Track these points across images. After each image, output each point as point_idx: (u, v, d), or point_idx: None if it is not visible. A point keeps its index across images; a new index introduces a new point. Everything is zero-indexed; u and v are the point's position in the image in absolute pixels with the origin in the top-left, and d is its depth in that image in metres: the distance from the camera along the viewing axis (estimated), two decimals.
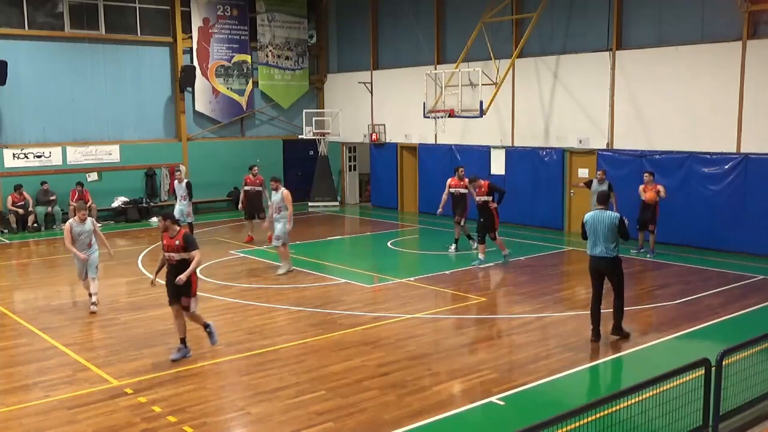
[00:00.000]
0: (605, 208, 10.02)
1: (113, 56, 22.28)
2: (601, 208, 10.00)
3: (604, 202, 10.08)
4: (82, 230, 11.94)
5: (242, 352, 9.85)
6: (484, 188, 15.21)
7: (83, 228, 11.95)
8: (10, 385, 8.82)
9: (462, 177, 16.72)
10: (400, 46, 23.96)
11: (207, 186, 24.00)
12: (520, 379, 8.75)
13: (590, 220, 9.98)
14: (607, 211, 9.94)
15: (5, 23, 20.50)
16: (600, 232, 9.84)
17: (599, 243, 9.89)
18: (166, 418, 7.70)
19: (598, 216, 9.89)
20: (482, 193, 15.20)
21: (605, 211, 9.93)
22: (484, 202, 15.17)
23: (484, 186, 15.23)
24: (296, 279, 14.31)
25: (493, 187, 15.31)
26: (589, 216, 10.06)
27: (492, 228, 15.24)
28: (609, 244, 9.84)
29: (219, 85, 24.25)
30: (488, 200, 15.14)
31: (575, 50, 19.05)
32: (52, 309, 12.30)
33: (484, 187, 15.22)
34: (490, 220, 15.17)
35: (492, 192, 15.21)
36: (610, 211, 9.93)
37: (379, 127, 24.59)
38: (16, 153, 20.80)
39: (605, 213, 9.90)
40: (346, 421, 7.58)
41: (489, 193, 15.19)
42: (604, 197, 10.18)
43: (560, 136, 19.53)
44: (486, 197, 15.17)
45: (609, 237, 9.80)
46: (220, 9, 24.01)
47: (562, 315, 11.59)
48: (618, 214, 9.90)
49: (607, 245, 9.84)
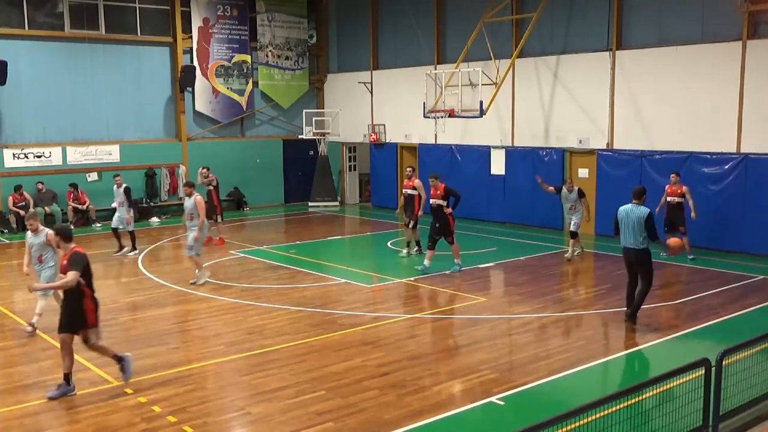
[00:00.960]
0: (639, 203, 10.56)
1: (113, 56, 22.29)
2: (636, 203, 10.57)
3: (639, 197, 10.59)
4: (32, 242, 10.69)
5: (242, 352, 9.85)
6: (440, 191, 14.36)
7: (34, 240, 10.66)
8: (11, 385, 8.82)
9: (410, 177, 16.34)
10: (400, 46, 23.96)
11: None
12: (520, 379, 8.75)
13: (623, 213, 10.63)
14: (639, 206, 10.51)
15: (5, 23, 20.50)
16: (630, 225, 10.47)
17: (629, 235, 10.52)
18: (166, 418, 7.70)
19: (631, 210, 10.52)
20: (437, 195, 14.37)
21: (638, 206, 10.52)
22: (438, 206, 14.36)
23: (440, 188, 14.37)
24: (296, 279, 14.31)
25: (449, 190, 14.38)
26: (623, 210, 10.67)
27: (448, 233, 14.46)
28: (638, 237, 10.42)
29: (219, 85, 24.24)
30: (442, 204, 14.33)
31: (575, 50, 19.06)
32: (52, 309, 12.26)
33: (440, 189, 14.36)
34: (445, 224, 14.43)
35: (448, 196, 14.35)
36: (642, 207, 10.48)
37: (379, 127, 24.59)
38: (16, 153, 20.80)
39: (638, 208, 10.50)
40: (346, 421, 7.58)
41: (445, 197, 14.32)
42: (639, 192, 10.66)
43: (560, 136, 19.53)
44: (441, 201, 14.33)
45: (638, 230, 10.40)
46: (220, 9, 24.01)
47: (562, 315, 11.59)
48: (648, 209, 10.46)
49: (636, 238, 10.44)
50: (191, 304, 12.58)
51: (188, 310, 12.26)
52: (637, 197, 10.60)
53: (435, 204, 14.44)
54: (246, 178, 24.90)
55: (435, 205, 14.44)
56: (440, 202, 14.35)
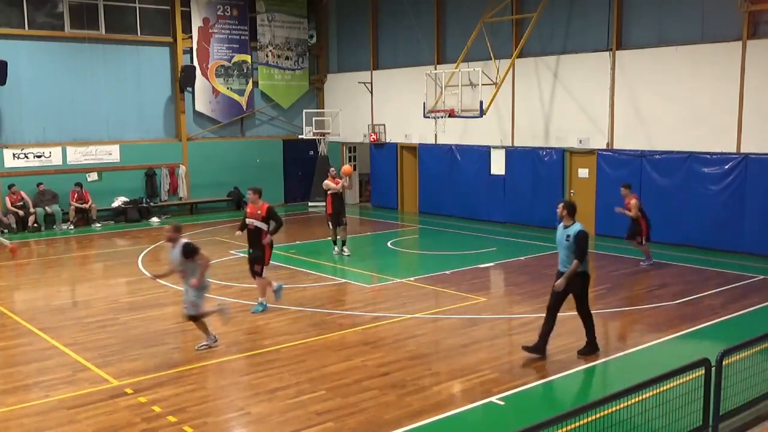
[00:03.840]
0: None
1: (113, 56, 22.28)
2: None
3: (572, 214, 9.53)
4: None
5: (242, 352, 9.85)
6: (262, 212, 11.73)
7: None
8: (10, 385, 8.82)
9: (334, 176, 16.52)
10: (400, 46, 23.96)
11: (207, 186, 24.01)
12: (520, 379, 8.75)
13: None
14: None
15: (5, 23, 20.49)
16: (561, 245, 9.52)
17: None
18: (167, 418, 7.70)
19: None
20: (257, 216, 11.75)
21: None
22: (256, 228, 11.71)
23: (263, 209, 11.73)
24: (296, 279, 14.31)
25: (271, 212, 11.76)
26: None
27: (261, 260, 11.81)
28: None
29: (219, 85, 24.24)
30: (262, 228, 11.70)
31: (575, 50, 19.06)
32: (52, 309, 12.30)
33: (262, 210, 11.74)
34: (262, 252, 11.77)
35: (268, 219, 11.78)
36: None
37: (379, 127, 24.59)
38: (16, 153, 20.80)
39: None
40: (346, 421, 7.58)
41: (265, 219, 11.74)
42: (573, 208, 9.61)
43: (560, 136, 19.53)
44: (260, 223, 11.72)
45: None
46: (220, 9, 24.01)
47: (562, 315, 11.53)
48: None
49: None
50: None
51: None
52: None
53: (252, 225, 11.75)
54: (246, 178, 24.80)
55: (252, 226, 11.75)
56: (258, 224, 11.70)
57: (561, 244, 9.39)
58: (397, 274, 14.61)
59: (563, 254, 9.37)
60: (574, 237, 9.18)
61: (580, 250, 9.16)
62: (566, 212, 9.38)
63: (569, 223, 9.35)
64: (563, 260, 9.38)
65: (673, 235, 17.26)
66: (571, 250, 9.22)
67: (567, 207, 9.42)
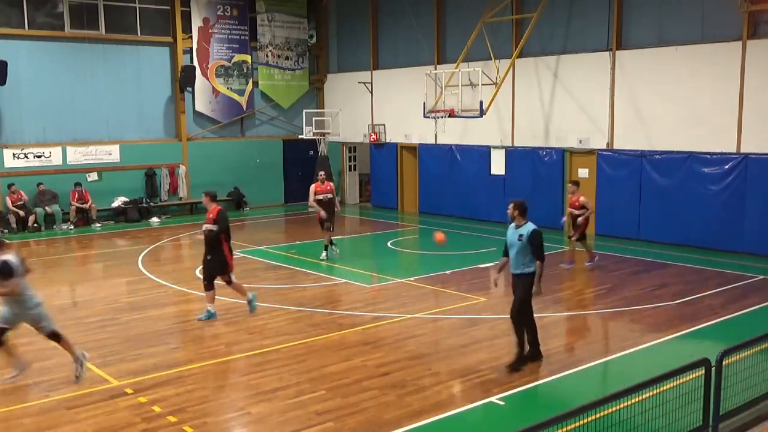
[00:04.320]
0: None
1: (113, 56, 22.28)
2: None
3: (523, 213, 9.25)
4: None
5: (242, 352, 9.85)
6: (213, 215, 11.10)
7: None
8: (10, 385, 8.80)
9: (324, 181, 16.03)
10: (400, 46, 23.96)
11: (207, 186, 23.85)
12: (520, 379, 8.74)
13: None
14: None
15: (5, 23, 20.49)
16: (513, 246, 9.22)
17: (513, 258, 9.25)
18: (167, 418, 7.70)
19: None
20: (209, 220, 11.15)
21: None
22: (211, 232, 11.09)
23: (214, 213, 11.12)
24: (296, 279, 14.31)
25: (219, 216, 11.05)
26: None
27: (224, 269, 11.26)
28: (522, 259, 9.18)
29: (219, 85, 24.24)
30: (214, 229, 11.08)
31: (575, 50, 19.06)
32: (52, 309, 12.21)
33: (213, 213, 11.11)
34: (219, 258, 11.17)
35: (220, 223, 11.06)
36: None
37: (379, 127, 24.59)
38: (16, 153, 20.80)
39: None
40: (346, 421, 7.58)
41: (216, 222, 11.05)
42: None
43: (560, 136, 19.53)
44: (213, 226, 11.07)
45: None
46: (220, 9, 24.01)
47: (562, 315, 11.59)
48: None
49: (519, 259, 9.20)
50: (191, 304, 12.58)
51: (188, 310, 12.25)
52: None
53: (207, 230, 11.18)
54: (246, 178, 24.91)
55: (207, 231, 11.17)
56: (212, 227, 11.08)
57: (513, 245, 9.06)
58: (397, 274, 14.61)
59: (515, 256, 9.04)
60: (528, 236, 8.89)
61: (537, 249, 8.90)
62: (518, 212, 9.08)
63: (521, 223, 9.08)
64: (515, 262, 9.06)
65: (673, 235, 17.26)
66: (523, 251, 8.93)
67: (518, 207, 9.12)
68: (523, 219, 9.11)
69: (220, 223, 11.05)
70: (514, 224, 9.17)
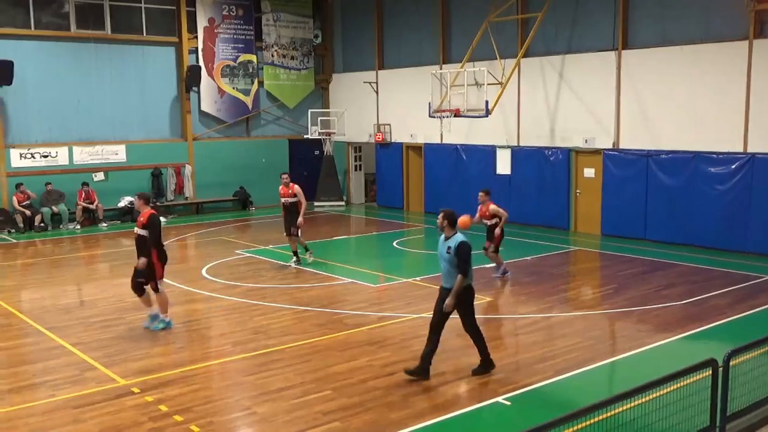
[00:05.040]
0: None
1: (119, 56, 22.33)
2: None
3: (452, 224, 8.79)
4: None
5: (248, 352, 9.85)
6: (144, 219, 10.70)
7: None
8: (16, 384, 8.84)
9: (288, 184, 15.31)
10: (405, 45, 23.94)
11: (213, 186, 24.04)
12: (526, 379, 8.73)
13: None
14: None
15: (11, 23, 20.56)
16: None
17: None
18: (173, 417, 7.71)
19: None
20: (139, 224, 10.77)
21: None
22: (140, 237, 10.69)
23: (144, 216, 10.71)
24: (302, 278, 14.32)
25: (152, 221, 10.64)
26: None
27: (151, 276, 10.75)
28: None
29: (224, 84, 24.27)
30: (144, 234, 10.68)
31: (580, 50, 19.01)
32: (59, 308, 12.32)
33: (144, 217, 10.71)
34: (149, 265, 10.69)
35: (150, 228, 10.65)
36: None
37: (384, 127, 24.59)
38: (22, 153, 20.86)
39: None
40: (352, 421, 7.57)
41: (146, 226, 10.64)
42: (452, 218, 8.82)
43: (566, 135, 19.49)
44: (143, 231, 10.68)
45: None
46: (226, 9, 24.04)
47: (569, 315, 11.57)
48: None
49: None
50: (197, 304, 12.60)
51: (194, 310, 12.27)
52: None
53: (137, 234, 10.85)
54: (252, 177, 24.93)
55: (137, 235, 10.85)
56: (142, 232, 10.74)
57: (442, 257, 8.61)
58: (403, 274, 14.61)
59: (445, 268, 8.59)
60: (455, 249, 8.43)
61: (462, 262, 8.41)
62: (447, 222, 8.61)
63: (450, 234, 8.61)
64: (445, 275, 8.62)
65: (680, 235, 17.21)
66: (452, 264, 8.48)
67: (447, 217, 8.63)
68: (452, 230, 8.63)
69: (150, 229, 10.60)
70: (443, 236, 8.72)
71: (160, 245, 10.82)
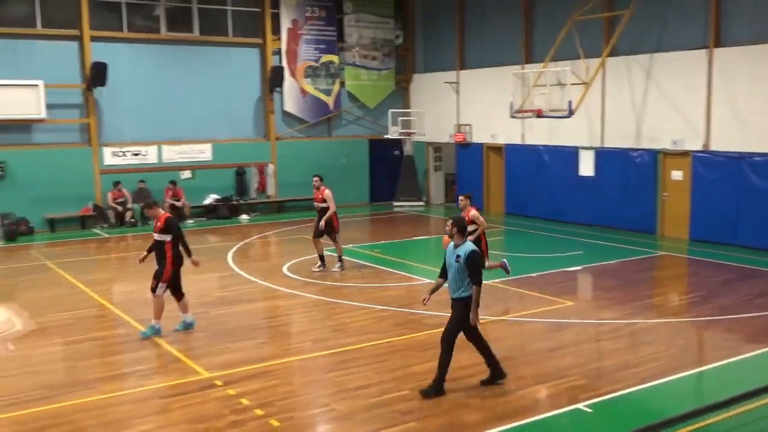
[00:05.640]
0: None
1: (206, 58, 22.98)
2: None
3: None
4: None
5: (327, 350, 9.98)
6: (160, 223, 10.69)
7: None
8: (108, 373, 9.23)
9: (318, 188, 14.85)
10: (487, 45, 23.75)
11: (294, 185, 24.41)
12: (608, 386, 8.52)
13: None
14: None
15: (106, 27, 21.43)
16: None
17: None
18: (254, 411, 7.88)
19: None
20: (156, 228, 10.84)
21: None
22: (157, 242, 10.76)
23: (161, 220, 10.68)
24: (381, 278, 14.40)
25: (169, 223, 10.67)
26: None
27: (160, 276, 10.73)
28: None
29: (307, 85, 24.64)
30: (163, 241, 10.69)
31: (670, 48, 18.41)
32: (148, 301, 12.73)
33: (160, 221, 10.69)
34: (163, 267, 10.76)
35: (167, 231, 10.68)
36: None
37: (464, 127, 24.47)
38: (115, 151, 21.72)
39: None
40: (429, 422, 7.57)
41: (163, 231, 10.64)
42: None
43: (652, 137, 18.93)
44: (159, 235, 10.70)
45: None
46: (309, 10, 24.39)
47: (654, 322, 11.23)
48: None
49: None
50: (278, 300, 12.85)
51: (275, 306, 12.52)
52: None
53: (154, 239, 10.94)
54: (332, 177, 25.02)
55: (154, 240, 10.92)
56: (158, 236, 10.83)
57: (451, 266, 8.31)
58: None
59: (453, 277, 8.29)
60: (465, 258, 8.12)
61: (475, 273, 8.11)
62: (456, 230, 8.30)
63: (459, 242, 8.31)
64: (452, 285, 8.33)
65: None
66: (461, 273, 8.18)
67: (457, 224, 8.34)
68: (461, 238, 8.34)
69: (171, 232, 10.62)
70: (452, 243, 8.42)
71: (177, 248, 10.65)
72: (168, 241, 10.60)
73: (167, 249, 10.60)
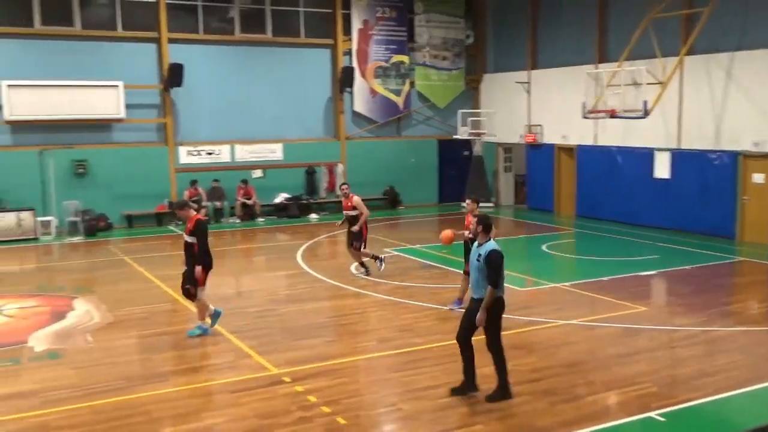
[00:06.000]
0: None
1: (278, 58, 23.33)
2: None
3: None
4: None
5: (394, 349, 9.98)
6: (191, 225, 10.50)
7: None
8: (181, 367, 9.47)
9: (347, 195, 14.41)
10: (559, 44, 23.37)
11: (364, 184, 24.50)
12: (682, 395, 8.26)
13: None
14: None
15: (182, 29, 22.01)
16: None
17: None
18: (321, 408, 7.95)
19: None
20: (187, 230, 10.57)
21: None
22: (187, 244, 10.57)
23: (192, 222, 10.49)
24: (449, 279, 14.33)
25: (197, 228, 10.40)
26: None
27: (193, 281, 10.59)
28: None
29: (377, 85, 24.74)
30: (193, 243, 10.49)
31: (752, 46, 17.72)
32: (218, 297, 13.01)
33: (191, 224, 10.49)
34: (192, 270, 10.59)
35: (196, 234, 10.46)
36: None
37: (535, 128, 24.14)
38: (190, 150, 22.28)
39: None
40: (496, 426, 7.49)
41: (193, 233, 10.43)
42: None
43: (733, 138, 18.26)
44: (189, 237, 10.51)
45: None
46: (380, 11, 24.48)
47: (731, 330, 10.83)
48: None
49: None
50: (346, 299, 12.93)
51: (343, 305, 12.60)
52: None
53: (184, 241, 10.72)
54: (401, 177, 25.25)
55: (185, 242, 10.70)
56: (189, 239, 10.62)
57: (473, 266, 8.15)
58: (551, 279, 14.26)
59: (475, 277, 8.10)
60: (485, 258, 7.91)
61: (493, 273, 7.85)
62: (481, 228, 8.10)
63: (483, 241, 8.10)
64: (474, 284, 8.12)
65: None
66: (481, 272, 7.97)
67: (482, 222, 8.13)
68: (486, 237, 8.11)
69: (198, 235, 10.39)
70: (476, 243, 8.26)
71: (206, 252, 10.53)
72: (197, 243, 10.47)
73: (197, 251, 10.46)
